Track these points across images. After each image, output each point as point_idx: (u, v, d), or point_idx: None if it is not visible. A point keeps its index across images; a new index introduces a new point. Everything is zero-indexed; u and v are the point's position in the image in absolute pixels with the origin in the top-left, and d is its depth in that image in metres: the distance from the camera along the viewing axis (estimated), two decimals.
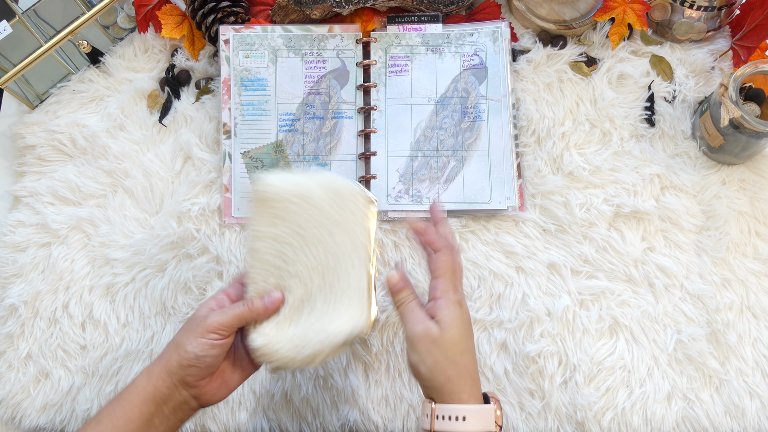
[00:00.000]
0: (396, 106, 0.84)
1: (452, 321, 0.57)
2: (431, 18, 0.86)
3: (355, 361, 0.76)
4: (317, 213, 0.60)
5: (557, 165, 0.81)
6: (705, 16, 0.84)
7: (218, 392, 0.59)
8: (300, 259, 0.60)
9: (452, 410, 0.55)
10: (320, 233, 0.60)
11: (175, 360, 0.56)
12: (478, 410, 0.55)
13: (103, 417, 0.56)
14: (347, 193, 0.61)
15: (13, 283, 0.81)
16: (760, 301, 0.76)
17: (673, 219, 0.79)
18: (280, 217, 0.60)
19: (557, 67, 0.85)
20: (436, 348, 0.56)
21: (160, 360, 0.57)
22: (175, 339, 0.58)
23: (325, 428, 0.75)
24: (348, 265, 0.60)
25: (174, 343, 0.57)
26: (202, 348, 0.56)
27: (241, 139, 0.83)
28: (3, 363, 0.78)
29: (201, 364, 0.56)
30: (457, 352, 0.56)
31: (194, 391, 0.57)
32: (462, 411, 0.55)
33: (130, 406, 0.56)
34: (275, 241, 0.60)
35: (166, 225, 0.80)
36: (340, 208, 0.60)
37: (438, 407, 0.55)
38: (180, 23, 0.88)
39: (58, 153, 0.87)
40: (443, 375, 0.56)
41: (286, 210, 0.60)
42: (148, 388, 0.56)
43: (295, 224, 0.60)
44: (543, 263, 0.78)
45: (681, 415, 0.73)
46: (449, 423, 0.55)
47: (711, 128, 0.77)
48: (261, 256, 0.60)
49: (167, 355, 0.57)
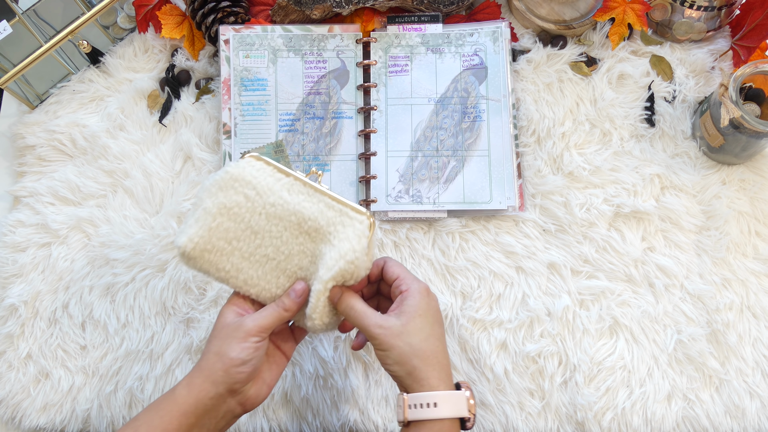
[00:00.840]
0: (396, 106, 0.84)
1: (414, 310, 0.57)
2: (431, 18, 0.86)
3: (355, 361, 0.76)
4: (243, 205, 0.60)
5: (557, 165, 0.81)
6: (705, 16, 0.84)
7: (261, 393, 0.59)
8: (276, 246, 0.60)
9: (422, 398, 0.55)
10: (260, 218, 0.60)
11: (220, 369, 0.56)
12: (449, 396, 0.56)
13: (140, 426, 0.55)
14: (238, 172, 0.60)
15: (13, 283, 0.81)
16: (760, 301, 0.76)
17: (673, 219, 0.79)
18: (226, 233, 0.60)
19: (557, 67, 0.85)
20: (398, 339, 0.56)
21: (200, 371, 0.57)
22: (212, 349, 0.57)
23: (325, 428, 0.75)
24: (307, 211, 0.60)
25: (214, 354, 0.57)
26: (247, 353, 0.56)
27: (241, 139, 0.83)
28: (3, 363, 0.78)
29: (247, 368, 0.56)
30: (420, 339, 0.57)
31: (240, 397, 0.57)
32: (432, 397, 0.55)
33: (168, 417, 0.55)
34: (245, 253, 0.61)
35: (167, 225, 0.80)
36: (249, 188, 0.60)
37: (409, 396, 0.56)
38: (180, 23, 0.88)
39: (58, 153, 0.87)
40: (409, 364, 0.56)
41: (222, 226, 0.60)
42: (189, 400, 0.55)
43: (241, 226, 0.60)
44: (543, 263, 0.78)
45: (681, 415, 0.73)
46: (421, 410, 0.55)
47: (711, 128, 0.77)
48: (249, 272, 0.61)
49: (208, 366, 0.56)
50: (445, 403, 0.55)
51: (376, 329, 0.57)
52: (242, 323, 0.57)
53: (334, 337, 0.76)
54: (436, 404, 0.55)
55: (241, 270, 0.61)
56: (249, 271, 0.61)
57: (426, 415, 0.55)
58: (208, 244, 0.60)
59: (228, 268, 0.61)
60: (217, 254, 0.60)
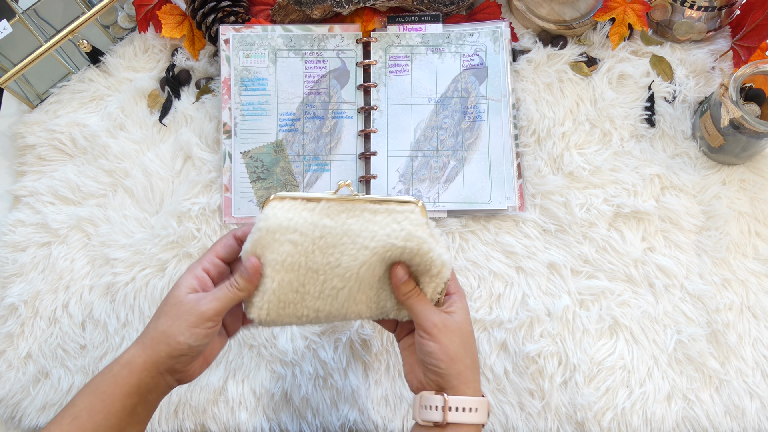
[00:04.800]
0: (396, 106, 0.84)
1: (465, 312, 0.58)
2: (431, 18, 0.86)
3: (355, 361, 0.76)
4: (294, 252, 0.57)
5: (557, 165, 0.81)
6: (705, 17, 0.84)
7: (200, 369, 0.58)
8: (341, 274, 0.58)
9: (466, 402, 0.55)
10: (314, 255, 0.58)
11: (165, 351, 0.54)
12: (484, 402, 0.56)
13: (81, 411, 0.53)
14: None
15: (13, 282, 0.81)
16: (760, 301, 0.76)
17: (673, 219, 0.79)
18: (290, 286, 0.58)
19: (557, 67, 0.85)
20: (456, 337, 0.56)
21: (142, 350, 0.54)
22: (159, 327, 0.54)
23: (325, 428, 0.75)
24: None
25: (161, 333, 0.54)
26: (196, 338, 0.54)
27: (241, 139, 0.83)
28: (3, 362, 0.78)
29: (193, 353, 0.55)
30: (471, 341, 0.57)
31: (179, 375, 0.56)
32: (475, 402, 0.55)
33: (110, 400, 0.53)
34: (314, 293, 0.59)
35: (167, 224, 0.80)
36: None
37: (451, 399, 0.55)
38: (180, 23, 0.88)
39: (58, 152, 0.87)
40: (462, 363, 0.55)
41: (284, 282, 0.58)
42: (131, 381, 0.54)
43: (301, 271, 0.58)
44: (543, 263, 0.78)
45: (681, 416, 0.73)
46: (463, 414, 0.54)
47: (711, 128, 0.77)
48: (327, 308, 0.59)
49: (153, 345, 0.54)
50: (483, 409, 0.55)
51: (437, 316, 0.56)
52: (197, 305, 0.54)
53: (334, 337, 0.76)
54: (477, 410, 0.55)
55: (319, 309, 0.59)
56: (326, 307, 0.59)
57: (467, 419, 0.54)
58: (279, 303, 0.58)
59: (306, 313, 0.59)
60: (291, 307, 0.58)
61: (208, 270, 0.58)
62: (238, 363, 0.77)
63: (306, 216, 0.56)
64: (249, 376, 0.76)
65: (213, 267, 0.58)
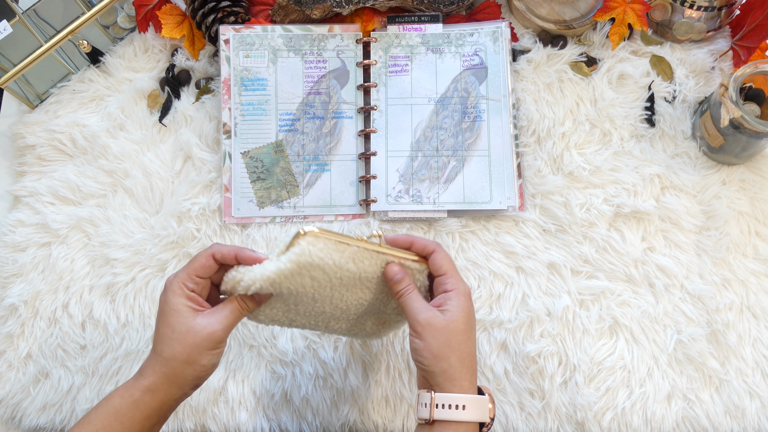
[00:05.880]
0: (396, 106, 0.83)
1: (459, 310, 0.58)
2: (431, 18, 0.86)
3: (355, 361, 0.76)
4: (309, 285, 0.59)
5: (557, 165, 0.81)
6: (705, 16, 0.84)
7: (209, 375, 0.60)
8: (335, 304, 0.62)
9: (452, 399, 0.56)
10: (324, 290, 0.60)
11: (191, 375, 0.56)
12: (476, 400, 0.56)
13: (99, 430, 0.55)
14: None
15: (13, 282, 0.81)
16: (760, 301, 0.76)
17: (673, 219, 0.79)
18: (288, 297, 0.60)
19: (557, 67, 0.85)
20: (441, 334, 0.57)
21: (164, 378, 0.56)
22: (179, 357, 0.56)
23: (325, 428, 0.75)
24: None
25: (183, 362, 0.56)
26: (217, 356, 0.58)
27: (241, 139, 0.83)
28: (3, 363, 0.78)
29: (215, 367, 0.58)
30: (461, 340, 0.57)
31: (200, 384, 0.59)
32: (462, 399, 0.56)
33: (130, 423, 0.55)
34: (300, 311, 0.62)
35: (167, 225, 0.80)
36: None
37: (437, 396, 0.56)
38: (180, 23, 0.88)
39: (58, 153, 0.87)
40: (446, 361, 0.56)
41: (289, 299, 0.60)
42: (153, 405, 0.56)
43: (304, 299, 0.60)
44: (543, 263, 0.78)
45: (681, 415, 0.73)
46: (449, 411, 0.55)
47: (711, 128, 0.77)
48: (303, 322, 0.63)
49: (176, 373, 0.56)
50: (472, 406, 0.56)
51: (424, 314, 0.57)
52: (210, 332, 0.56)
53: (334, 338, 0.76)
54: (464, 407, 0.55)
55: (305, 325, 0.63)
56: (303, 321, 0.63)
57: (453, 416, 0.55)
58: (269, 316, 0.61)
59: (282, 319, 0.62)
60: (280, 316, 0.62)
61: (194, 289, 0.59)
62: (238, 363, 0.77)
63: (335, 258, 0.58)
64: (249, 377, 0.76)
65: (196, 285, 0.59)
